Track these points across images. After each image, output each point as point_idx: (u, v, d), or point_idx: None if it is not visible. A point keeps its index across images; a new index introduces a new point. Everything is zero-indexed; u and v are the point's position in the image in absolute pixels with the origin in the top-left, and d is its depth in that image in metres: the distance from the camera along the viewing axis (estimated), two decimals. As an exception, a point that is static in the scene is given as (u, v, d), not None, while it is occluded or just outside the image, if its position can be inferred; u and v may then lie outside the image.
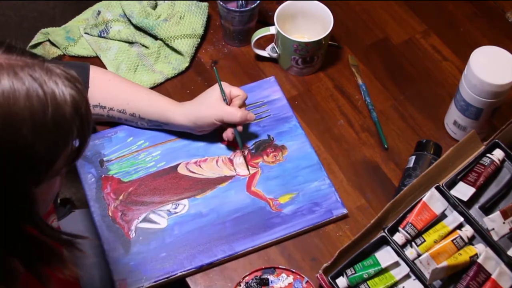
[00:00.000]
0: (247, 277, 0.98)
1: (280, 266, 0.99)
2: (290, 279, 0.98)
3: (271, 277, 0.98)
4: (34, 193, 0.70)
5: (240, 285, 0.98)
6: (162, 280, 0.98)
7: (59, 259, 0.76)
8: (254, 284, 0.97)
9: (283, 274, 0.99)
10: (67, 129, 0.69)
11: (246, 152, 1.09)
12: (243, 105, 1.08)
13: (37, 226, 0.73)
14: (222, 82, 1.07)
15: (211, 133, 1.10)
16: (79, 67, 1.08)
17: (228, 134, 1.07)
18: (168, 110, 1.07)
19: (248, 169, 1.08)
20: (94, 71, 1.09)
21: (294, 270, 0.98)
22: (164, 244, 1.00)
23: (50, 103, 0.66)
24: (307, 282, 0.98)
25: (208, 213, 1.04)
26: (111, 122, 1.13)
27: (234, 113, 1.04)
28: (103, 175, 1.07)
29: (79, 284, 1.03)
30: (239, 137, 1.07)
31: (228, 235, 1.01)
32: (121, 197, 1.05)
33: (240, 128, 1.07)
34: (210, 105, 1.04)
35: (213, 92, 1.06)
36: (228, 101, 1.06)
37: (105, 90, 1.08)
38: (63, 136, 0.69)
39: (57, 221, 1.00)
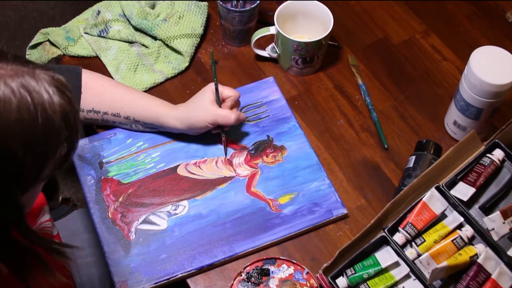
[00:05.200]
0: (248, 267, 0.98)
1: (281, 257, 0.99)
2: (291, 270, 0.98)
3: (272, 268, 0.99)
4: (21, 200, 0.70)
5: (241, 275, 0.98)
6: (163, 282, 0.98)
7: (45, 267, 0.76)
8: (255, 274, 0.98)
9: (284, 265, 0.99)
10: (56, 139, 0.69)
11: (224, 136, 1.09)
12: (235, 105, 1.08)
13: (24, 233, 0.73)
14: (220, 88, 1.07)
15: (210, 134, 1.10)
16: (71, 72, 1.07)
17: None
18: (162, 115, 1.06)
19: (225, 151, 1.09)
20: (87, 76, 1.08)
21: (295, 261, 0.98)
22: (164, 246, 1.00)
23: (40, 115, 0.65)
24: (307, 273, 0.98)
25: (208, 214, 1.04)
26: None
27: (228, 117, 1.03)
28: (102, 177, 1.07)
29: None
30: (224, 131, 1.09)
31: (228, 236, 1.01)
32: (120, 199, 1.05)
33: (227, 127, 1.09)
34: (203, 109, 1.04)
35: (206, 95, 1.05)
36: (220, 101, 1.06)
37: (99, 95, 1.07)
38: (52, 146, 0.69)
39: (49, 213, 0.99)
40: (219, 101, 1.06)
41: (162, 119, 1.06)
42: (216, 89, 1.05)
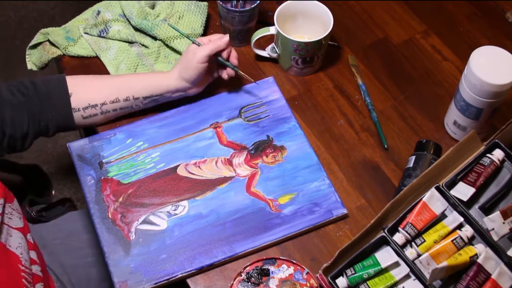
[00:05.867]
0: (248, 268, 0.98)
1: (281, 257, 0.99)
2: (291, 270, 0.98)
3: (271, 268, 0.99)
4: None
5: (241, 275, 0.98)
6: (163, 282, 0.98)
7: None
8: (255, 274, 0.98)
9: (284, 265, 0.99)
10: None
11: (239, 71, 1.12)
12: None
13: None
14: (198, 40, 1.11)
15: (210, 135, 1.10)
16: (56, 80, 1.07)
17: (224, 74, 1.13)
18: (161, 80, 1.09)
19: (235, 71, 1.12)
20: (71, 80, 1.08)
21: (295, 261, 0.98)
22: (164, 246, 1.00)
23: None
24: (307, 273, 0.98)
25: (208, 214, 1.04)
26: (110, 123, 1.13)
27: (219, 37, 1.08)
28: (102, 177, 1.07)
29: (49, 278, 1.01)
30: (226, 61, 1.11)
31: (228, 236, 1.01)
32: (120, 199, 1.05)
33: (224, 54, 1.11)
34: (194, 53, 1.07)
35: (190, 46, 1.10)
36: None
37: (91, 90, 1.08)
38: None
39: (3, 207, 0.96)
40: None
41: (163, 84, 1.09)
42: (192, 40, 1.11)
